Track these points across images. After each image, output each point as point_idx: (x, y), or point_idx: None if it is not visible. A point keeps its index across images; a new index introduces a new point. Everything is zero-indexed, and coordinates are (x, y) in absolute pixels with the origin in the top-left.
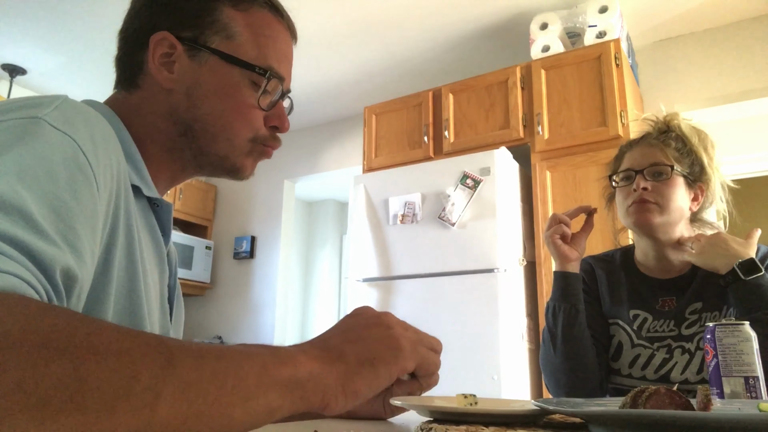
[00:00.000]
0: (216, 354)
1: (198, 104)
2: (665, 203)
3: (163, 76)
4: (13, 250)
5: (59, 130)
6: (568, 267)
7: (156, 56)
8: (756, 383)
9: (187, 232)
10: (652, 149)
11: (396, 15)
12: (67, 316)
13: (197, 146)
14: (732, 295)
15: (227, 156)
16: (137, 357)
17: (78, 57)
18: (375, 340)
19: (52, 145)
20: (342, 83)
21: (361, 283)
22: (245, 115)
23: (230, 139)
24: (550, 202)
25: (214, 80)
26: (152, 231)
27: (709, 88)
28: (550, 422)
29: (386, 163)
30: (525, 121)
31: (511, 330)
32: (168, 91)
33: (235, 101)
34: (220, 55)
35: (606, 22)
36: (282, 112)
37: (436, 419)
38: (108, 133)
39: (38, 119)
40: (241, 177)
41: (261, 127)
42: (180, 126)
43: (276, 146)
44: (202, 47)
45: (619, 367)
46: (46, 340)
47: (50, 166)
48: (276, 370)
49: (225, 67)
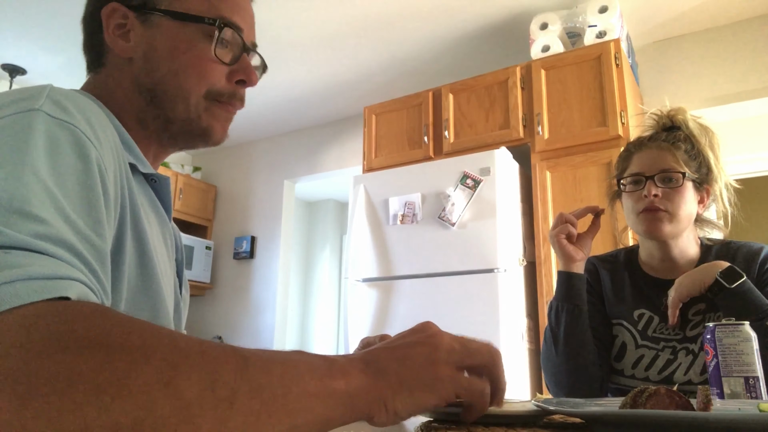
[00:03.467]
0: (281, 360)
1: (155, 67)
2: (676, 210)
3: (120, 46)
4: (66, 253)
5: (58, 119)
6: (573, 267)
7: (110, 28)
8: (756, 383)
9: (187, 232)
10: (663, 153)
11: (396, 15)
12: (145, 324)
13: (164, 115)
14: (720, 305)
15: (189, 118)
16: (217, 356)
17: (78, 57)
18: (418, 365)
19: (58, 136)
20: (342, 83)
21: (361, 283)
22: (199, 69)
23: (186, 98)
24: (550, 202)
25: (167, 41)
26: (155, 207)
27: (709, 88)
28: (550, 422)
29: (386, 163)
30: (525, 121)
31: (511, 330)
32: (129, 61)
33: (189, 57)
34: (169, 14)
35: (606, 22)
36: (247, 64)
37: (436, 419)
38: (100, 114)
39: (37, 111)
40: (212, 140)
41: (218, 81)
42: (145, 94)
43: (237, 105)
44: (151, 11)
45: (622, 367)
46: (141, 344)
47: (65, 159)
48: (332, 382)
49: (176, 26)
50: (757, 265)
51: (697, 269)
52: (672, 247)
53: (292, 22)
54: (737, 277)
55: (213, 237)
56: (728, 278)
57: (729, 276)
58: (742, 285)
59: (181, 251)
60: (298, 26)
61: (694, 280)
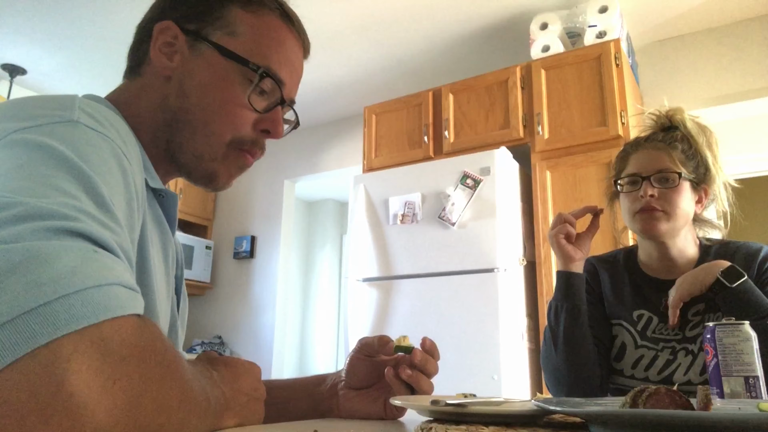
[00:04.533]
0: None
1: (187, 93)
2: (672, 210)
3: (162, 63)
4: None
5: (95, 130)
6: (572, 267)
7: (158, 43)
8: (756, 383)
9: (187, 232)
10: (659, 153)
11: (396, 15)
12: (168, 346)
13: (178, 141)
14: (721, 304)
15: (202, 156)
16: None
17: (78, 57)
18: None
19: (100, 146)
20: (342, 83)
21: (361, 282)
22: (230, 111)
23: (208, 136)
24: (550, 202)
25: (207, 72)
26: (158, 222)
27: (709, 88)
28: (550, 422)
29: (386, 163)
30: (525, 121)
31: (511, 330)
32: (165, 79)
33: (223, 96)
34: (217, 48)
35: (606, 22)
36: (277, 117)
37: (436, 419)
38: (125, 128)
39: (75, 122)
40: (213, 185)
41: (245, 127)
42: (167, 114)
43: (257, 153)
44: (202, 39)
45: (622, 368)
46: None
47: (112, 170)
48: None
49: (220, 61)
50: (756, 265)
51: (698, 268)
52: (670, 247)
53: None
54: (738, 276)
55: (213, 237)
56: (729, 277)
57: (730, 275)
58: (744, 284)
59: (181, 267)
60: None
61: (694, 280)
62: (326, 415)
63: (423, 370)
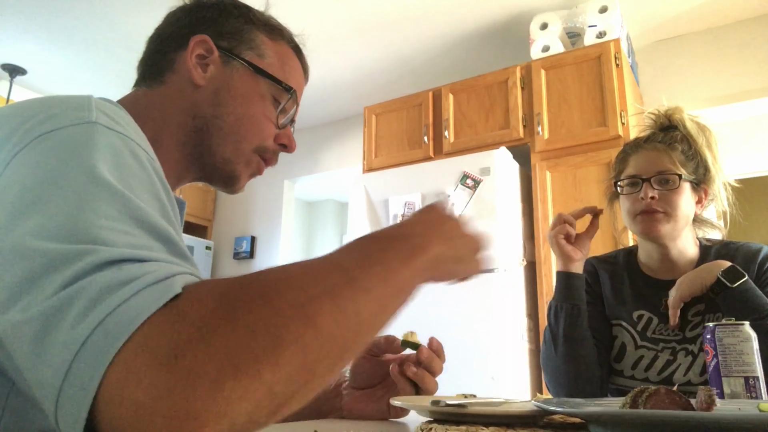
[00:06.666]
0: (378, 259)
1: (222, 103)
2: (673, 211)
3: (197, 74)
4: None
5: (114, 131)
6: (572, 267)
7: (193, 54)
8: (756, 383)
9: (187, 232)
10: (659, 155)
11: (396, 15)
12: None
13: (207, 144)
14: (721, 305)
15: (230, 159)
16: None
17: (78, 57)
18: None
19: (121, 148)
20: (342, 83)
21: None
22: (259, 123)
23: (238, 142)
24: (550, 202)
25: (243, 87)
26: None
27: (709, 88)
28: (550, 422)
29: (386, 163)
30: (525, 121)
31: (511, 330)
32: (195, 87)
33: (256, 109)
34: (251, 66)
35: (606, 22)
36: (291, 134)
37: (436, 419)
38: (139, 129)
39: (94, 124)
40: (233, 186)
41: (269, 139)
42: (199, 120)
43: (272, 163)
44: (236, 57)
45: (622, 368)
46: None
47: (135, 172)
48: (417, 259)
49: (254, 78)
50: (756, 265)
51: (698, 269)
52: (671, 248)
53: (292, 22)
54: (739, 277)
55: (213, 237)
56: (730, 277)
57: (731, 275)
58: (744, 284)
59: None
60: (298, 26)
61: (695, 280)
62: (330, 415)
63: (428, 369)
